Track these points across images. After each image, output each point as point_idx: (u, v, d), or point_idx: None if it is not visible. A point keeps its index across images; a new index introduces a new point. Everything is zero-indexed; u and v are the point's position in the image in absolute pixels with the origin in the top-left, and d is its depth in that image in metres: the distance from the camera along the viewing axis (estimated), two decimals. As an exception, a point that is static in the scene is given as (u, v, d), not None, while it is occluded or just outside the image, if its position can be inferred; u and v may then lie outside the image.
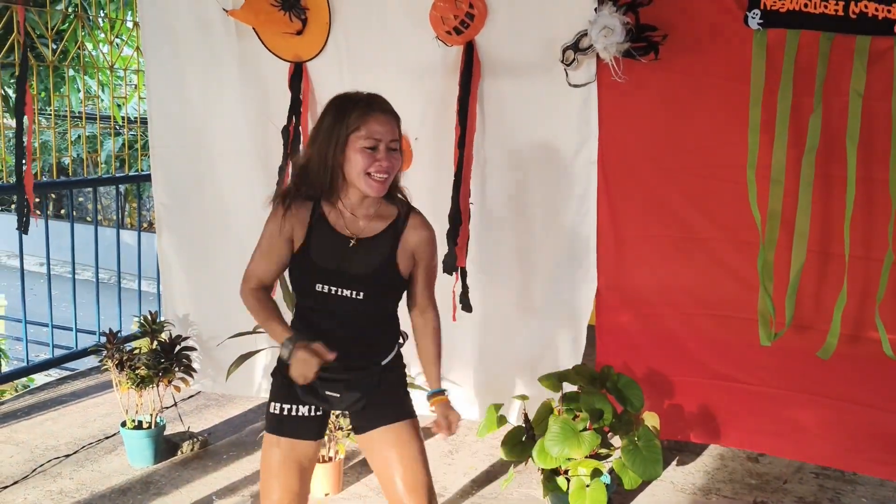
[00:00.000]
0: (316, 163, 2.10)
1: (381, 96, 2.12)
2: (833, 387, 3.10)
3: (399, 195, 2.20)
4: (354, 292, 2.10)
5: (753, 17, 2.74)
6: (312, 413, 2.23)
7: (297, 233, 2.12)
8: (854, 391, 3.08)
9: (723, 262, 3.16)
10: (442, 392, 2.29)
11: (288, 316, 2.26)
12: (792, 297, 2.90)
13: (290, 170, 3.53)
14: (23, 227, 3.79)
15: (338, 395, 2.20)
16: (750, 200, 2.86)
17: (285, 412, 2.22)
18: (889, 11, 2.63)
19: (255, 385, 4.02)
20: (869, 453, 3.13)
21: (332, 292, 2.10)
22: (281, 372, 2.20)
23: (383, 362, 2.24)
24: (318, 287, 2.10)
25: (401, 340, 2.33)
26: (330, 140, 2.06)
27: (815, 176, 2.80)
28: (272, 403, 2.24)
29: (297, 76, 3.53)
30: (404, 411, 2.26)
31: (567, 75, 3.04)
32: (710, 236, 3.16)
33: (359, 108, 2.06)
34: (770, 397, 3.22)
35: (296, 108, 3.53)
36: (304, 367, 2.05)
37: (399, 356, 2.31)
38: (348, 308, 2.12)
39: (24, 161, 3.72)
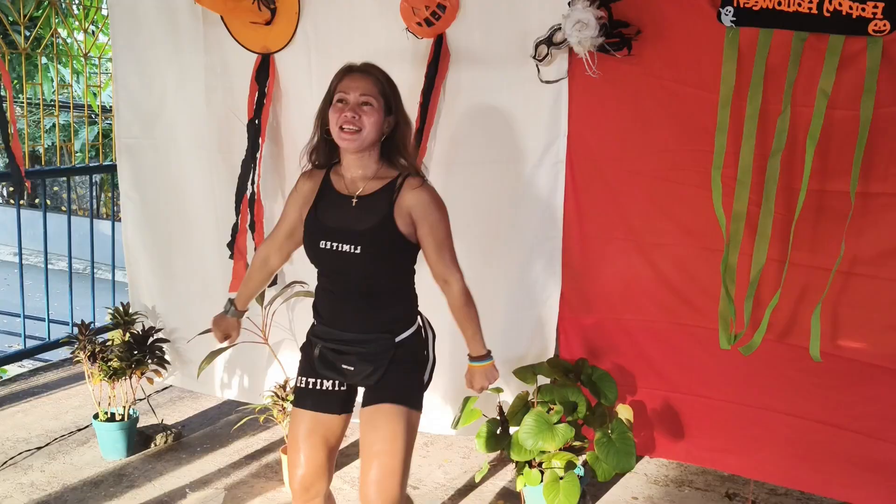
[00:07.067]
0: (316, 133, 2.27)
1: (369, 62, 2.25)
2: (797, 404, 2.99)
3: (403, 160, 2.24)
4: (353, 247, 2.16)
5: (726, 14, 2.69)
6: (336, 387, 2.29)
7: (308, 199, 2.28)
8: (815, 408, 2.96)
9: (688, 270, 3.07)
10: (480, 358, 2.37)
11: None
12: (751, 299, 2.82)
13: (257, 165, 3.47)
14: (18, 192, 3.91)
15: (351, 368, 2.24)
16: (714, 201, 2.80)
17: (309, 385, 2.30)
18: (863, 10, 2.59)
19: (218, 384, 3.97)
20: (827, 474, 2.99)
21: (334, 248, 2.18)
22: (306, 347, 2.34)
23: (397, 339, 2.24)
24: (322, 244, 2.20)
25: (426, 330, 2.36)
26: (324, 109, 2.22)
27: (780, 179, 2.72)
28: (298, 378, 2.33)
29: (264, 68, 3.45)
30: (404, 396, 2.24)
31: (539, 71, 3.00)
32: (675, 242, 3.07)
33: (340, 72, 2.23)
34: (732, 412, 3.11)
35: (262, 100, 3.44)
36: (219, 322, 2.50)
37: (419, 340, 2.31)
38: (349, 264, 2.18)
39: (10, 131, 3.76)
